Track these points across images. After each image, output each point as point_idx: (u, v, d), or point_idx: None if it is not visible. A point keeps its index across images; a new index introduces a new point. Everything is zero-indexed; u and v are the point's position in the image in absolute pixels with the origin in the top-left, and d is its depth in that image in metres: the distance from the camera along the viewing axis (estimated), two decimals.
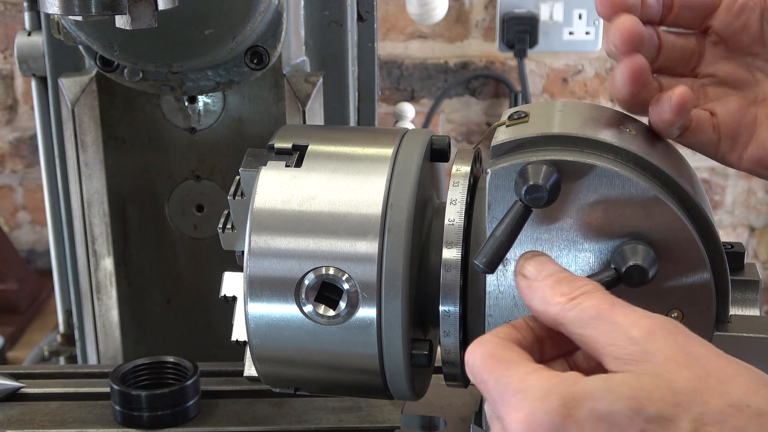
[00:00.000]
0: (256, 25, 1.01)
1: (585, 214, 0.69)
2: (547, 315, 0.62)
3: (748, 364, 0.57)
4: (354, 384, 0.81)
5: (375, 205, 0.75)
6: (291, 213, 0.76)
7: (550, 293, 0.62)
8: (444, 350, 0.78)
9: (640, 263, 0.66)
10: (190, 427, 1.02)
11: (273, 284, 0.76)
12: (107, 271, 1.22)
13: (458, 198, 0.76)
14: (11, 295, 2.30)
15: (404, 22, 2.52)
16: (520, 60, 2.51)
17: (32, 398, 1.08)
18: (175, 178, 1.25)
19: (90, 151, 1.18)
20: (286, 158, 0.79)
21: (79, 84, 1.15)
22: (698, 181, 0.77)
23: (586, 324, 0.59)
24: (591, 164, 0.68)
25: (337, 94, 1.21)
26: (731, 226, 2.75)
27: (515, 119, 0.75)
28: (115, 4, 0.76)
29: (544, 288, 0.62)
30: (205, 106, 1.21)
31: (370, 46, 1.28)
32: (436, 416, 0.92)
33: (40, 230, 2.63)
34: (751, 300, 0.76)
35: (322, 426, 1.02)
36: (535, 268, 0.64)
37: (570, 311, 0.60)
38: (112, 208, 1.21)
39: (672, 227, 0.68)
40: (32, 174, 2.57)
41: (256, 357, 0.80)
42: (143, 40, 0.99)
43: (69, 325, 1.39)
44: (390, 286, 0.74)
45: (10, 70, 2.51)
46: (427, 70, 2.57)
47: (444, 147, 0.83)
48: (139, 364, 1.06)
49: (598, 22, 2.47)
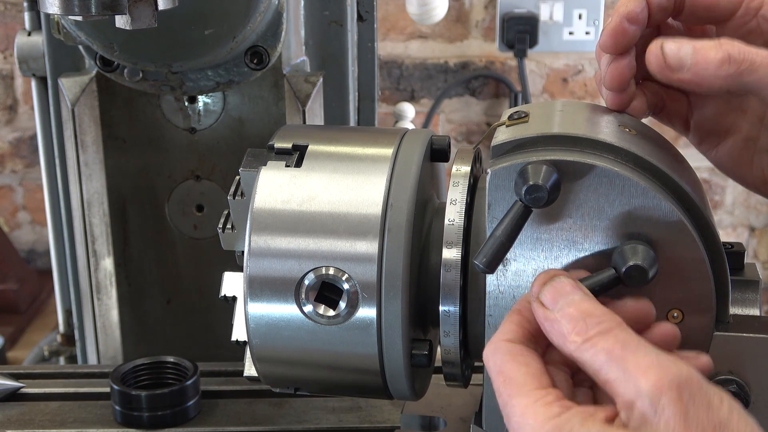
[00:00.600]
0: (256, 25, 1.01)
1: (585, 214, 0.69)
2: (564, 350, 0.62)
3: (749, 430, 0.57)
4: (354, 384, 0.81)
5: (375, 205, 0.75)
6: (291, 213, 0.76)
7: (567, 329, 0.62)
8: (444, 350, 0.78)
9: (640, 263, 0.66)
10: (190, 427, 1.02)
11: (273, 284, 0.76)
12: (107, 271, 1.22)
13: (458, 198, 0.76)
14: (11, 295, 2.30)
15: (404, 22, 2.52)
16: (520, 60, 2.52)
17: (32, 398, 1.08)
18: (175, 178, 1.25)
19: (90, 151, 1.18)
20: (286, 158, 0.79)
21: (79, 84, 1.15)
22: (698, 181, 0.77)
23: (599, 368, 0.59)
24: (591, 164, 0.68)
25: (337, 94, 1.21)
26: (731, 226, 2.75)
27: (515, 119, 0.75)
28: (115, 4, 0.76)
29: (561, 322, 0.62)
30: (205, 106, 1.21)
31: (370, 46, 1.28)
32: (436, 416, 0.92)
33: (40, 230, 2.63)
34: (751, 300, 0.76)
35: (322, 426, 1.02)
36: (552, 296, 0.64)
37: (585, 352, 0.60)
38: (112, 208, 1.21)
39: (672, 227, 0.68)
40: (32, 174, 2.57)
41: (256, 357, 0.80)
42: (143, 40, 0.99)
43: (69, 325, 1.39)
44: (390, 286, 0.74)
45: (10, 70, 2.51)
46: (427, 70, 2.58)
47: (444, 147, 0.83)
48: (139, 364, 1.06)
49: (598, 22, 2.47)
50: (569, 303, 0.63)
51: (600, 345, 0.60)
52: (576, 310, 0.62)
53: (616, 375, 0.58)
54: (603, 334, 0.60)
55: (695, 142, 0.83)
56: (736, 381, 0.71)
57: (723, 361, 0.71)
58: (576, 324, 0.61)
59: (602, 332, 0.60)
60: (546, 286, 0.64)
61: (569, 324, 0.61)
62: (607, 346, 0.59)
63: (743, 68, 0.69)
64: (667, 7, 0.75)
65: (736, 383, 0.71)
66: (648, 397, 0.56)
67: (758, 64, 0.69)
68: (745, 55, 0.69)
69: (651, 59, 0.72)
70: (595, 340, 0.60)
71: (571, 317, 0.62)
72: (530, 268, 0.72)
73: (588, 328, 0.61)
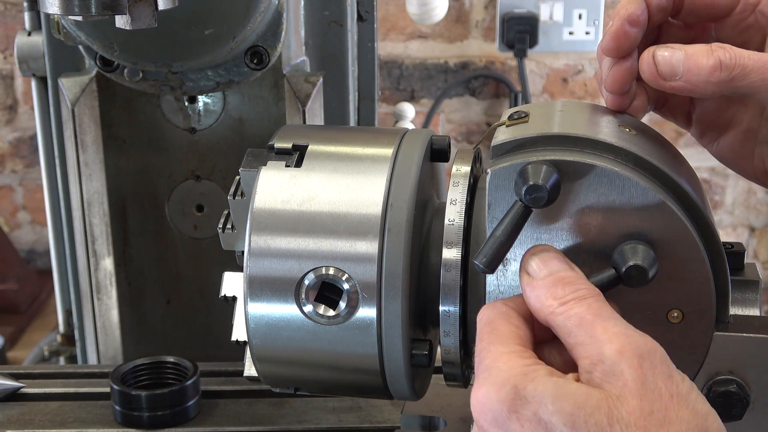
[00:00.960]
0: (256, 25, 1.01)
1: (585, 214, 0.69)
2: (540, 315, 0.64)
3: (705, 410, 0.59)
4: (354, 384, 0.81)
5: (375, 205, 0.75)
6: (291, 213, 0.76)
7: (545, 294, 0.64)
8: (444, 350, 0.78)
9: (640, 263, 0.66)
10: (190, 427, 1.02)
11: (273, 284, 0.76)
12: (107, 271, 1.22)
13: (458, 198, 0.76)
14: (11, 295, 2.30)
15: (404, 22, 2.52)
16: (520, 60, 2.52)
17: (32, 398, 1.08)
18: (175, 178, 1.25)
19: (90, 151, 1.18)
20: (286, 158, 0.79)
21: (79, 84, 1.15)
22: (698, 181, 0.77)
23: (569, 332, 0.62)
24: (591, 164, 0.68)
25: (337, 94, 1.21)
26: (731, 226, 2.75)
27: (515, 119, 0.75)
28: (115, 4, 0.76)
29: (540, 287, 0.65)
30: (205, 106, 1.21)
31: (370, 46, 1.28)
32: (436, 416, 0.92)
33: (40, 230, 2.63)
34: (751, 300, 0.76)
35: (322, 426, 1.02)
36: (537, 265, 0.66)
37: (558, 316, 0.63)
38: (112, 208, 1.21)
39: (672, 227, 0.68)
40: (32, 174, 2.57)
41: (256, 357, 0.80)
42: (143, 40, 0.99)
43: (69, 325, 1.39)
44: (390, 286, 0.74)
45: (10, 70, 2.51)
46: (427, 70, 2.58)
47: (444, 147, 0.83)
48: (139, 364, 1.06)
49: (598, 22, 2.47)
50: (551, 272, 0.65)
51: (573, 311, 0.62)
52: (555, 277, 0.64)
53: (583, 339, 0.61)
54: (578, 301, 0.62)
55: (696, 135, 0.84)
56: (736, 381, 0.71)
57: (723, 361, 0.71)
58: (554, 289, 0.64)
59: (577, 299, 0.63)
60: (533, 257, 0.66)
61: (547, 289, 0.64)
62: (579, 312, 0.62)
63: (735, 73, 0.70)
64: (667, 7, 0.75)
65: (736, 383, 0.71)
66: (610, 361, 0.59)
67: (750, 68, 0.69)
68: (736, 60, 0.69)
69: (644, 68, 0.73)
70: (570, 305, 0.62)
71: (550, 283, 0.64)
72: None
73: (565, 294, 0.63)
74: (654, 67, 0.72)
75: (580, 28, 2.49)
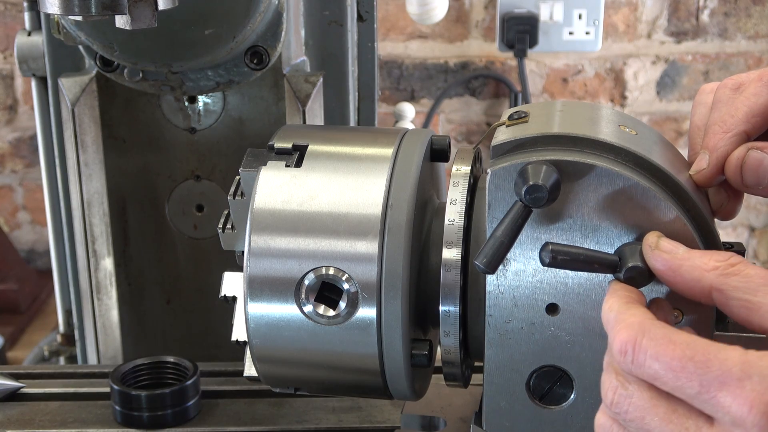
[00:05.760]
0: (256, 25, 1.01)
1: (585, 214, 0.69)
2: (702, 282, 0.61)
3: None
4: (354, 384, 0.81)
5: (375, 205, 0.75)
6: (291, 213, 0.76)
7: (704, 260, 0.61)
8: (444, 350, 0.78)
9: (640, 264, 0.66)
10: (190, 427, 1.02)
11: (273, 284, 0.76)
12: (107, 271, 1.22)
13: (458, 198, 0.76)
14: (11, 295, 2.30)
15: (404, 22, 2.52)
16: (520, 60, 2.51)
17: (32, 398, 1.08)
18: (175, 178, 1.25)
19: (90, 151, 1.18)
20: (286, 158, 0.79)
21: (79, 84, 1.15)
22: None
23: (754, 291, 0.59)
24: (591, 164, 0.68)
25: (337, 94, 1.21)
26: (731, 226, 2.75)
27: (515, 119, 0.75)
28: (115, 4, 0.76)
29: (694, 257, 0.62)
30: (205, 106, 1.21)
31: (370, 46, 1.28)
32: (436, 416, 0.92)
33: (40, 230, 2.62)
34: None
35: (322, 426, 1.02)
36: (670, 242, 0.64)
37: (732, 277, 0.60)
38: (112, 208, 1.21)
39: (672, 227, 0.68)
40: (32, 174, 2.57)
41: (256, 357, 0.80)
42: (143, 40, 1.00)
43: (69, 325, 1.39)
44: (390, 286, 0.74)
45: (10, 70, 2.51)
46: (427, 70, 2.57)
47: (444, 147, 0.83)
48: (139, 364, 1.06)
49: (598, 22, 2.47)
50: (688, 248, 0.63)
51: (750, 271, 0.59)
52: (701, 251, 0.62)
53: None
54: (744, 263, 0.60)
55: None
56: None
57: None
58: (711, 255, 0.61)
59: (743, 261, 0.60)
60: (661, 237, 0.65)
61: (703, 256, 0.61)
62: (759, 272, 0.59)
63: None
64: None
65: None
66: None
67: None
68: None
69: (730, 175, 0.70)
70: (740, 267, 0.60)
71: (700, 253, 0.62)
72: (530, 268, 0.72)
73: (726, 257, 0.60)
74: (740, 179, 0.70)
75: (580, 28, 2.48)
